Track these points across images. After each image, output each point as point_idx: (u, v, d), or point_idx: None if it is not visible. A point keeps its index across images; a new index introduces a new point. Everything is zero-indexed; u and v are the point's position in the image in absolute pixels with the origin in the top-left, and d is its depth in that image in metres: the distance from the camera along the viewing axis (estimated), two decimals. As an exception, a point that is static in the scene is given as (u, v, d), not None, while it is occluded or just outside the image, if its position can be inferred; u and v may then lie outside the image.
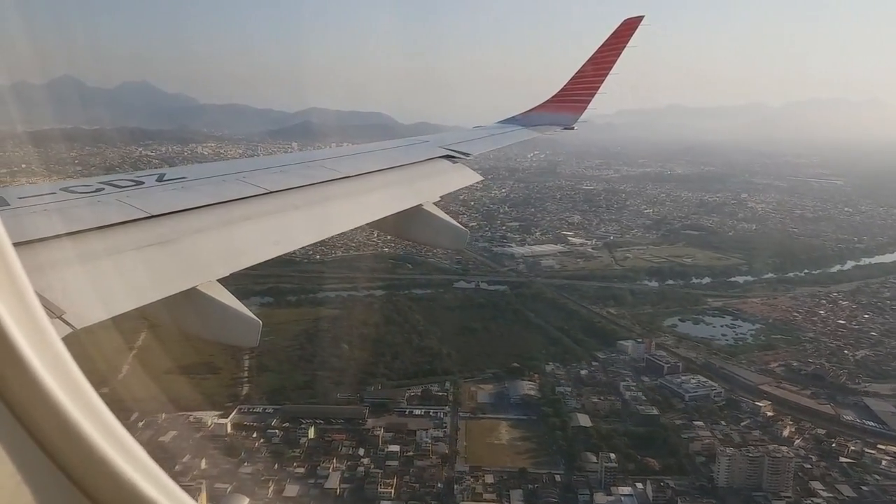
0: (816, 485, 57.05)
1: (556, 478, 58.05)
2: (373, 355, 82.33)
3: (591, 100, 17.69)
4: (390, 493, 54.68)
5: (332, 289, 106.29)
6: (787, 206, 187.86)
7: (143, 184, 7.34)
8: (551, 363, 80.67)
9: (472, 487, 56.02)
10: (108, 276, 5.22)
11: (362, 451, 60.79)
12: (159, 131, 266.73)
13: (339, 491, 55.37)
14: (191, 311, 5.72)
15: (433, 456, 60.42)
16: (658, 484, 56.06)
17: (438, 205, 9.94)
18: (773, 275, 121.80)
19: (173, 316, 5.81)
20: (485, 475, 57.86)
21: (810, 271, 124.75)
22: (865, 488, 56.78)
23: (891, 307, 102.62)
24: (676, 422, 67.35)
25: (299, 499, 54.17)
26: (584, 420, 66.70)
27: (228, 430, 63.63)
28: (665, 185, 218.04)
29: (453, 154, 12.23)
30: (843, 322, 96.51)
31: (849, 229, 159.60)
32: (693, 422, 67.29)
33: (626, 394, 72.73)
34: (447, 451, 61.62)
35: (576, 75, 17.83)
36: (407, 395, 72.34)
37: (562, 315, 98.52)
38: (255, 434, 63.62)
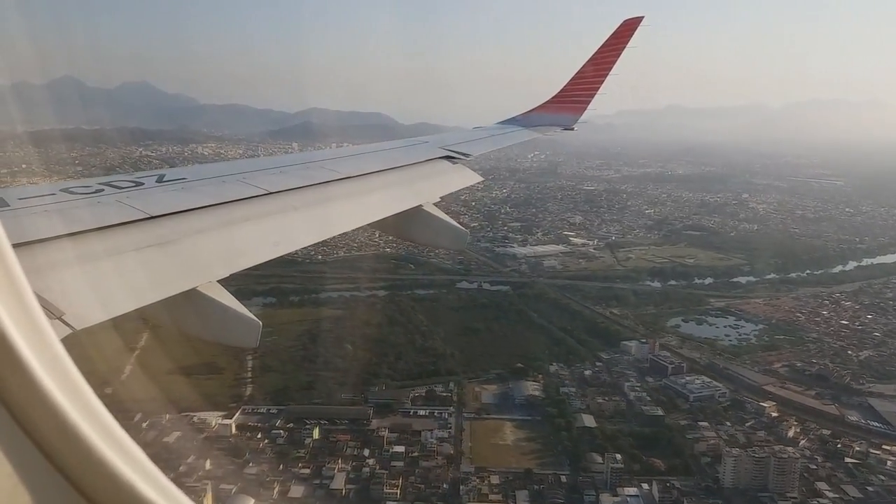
0: (822, 485, 57.02)
1: (562, 478, 58.00)
2: (376, 356, 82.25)
3: (590, 100, 17.71)
4: (396, 493, 54.57)
5: (334, 289, 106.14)
6: (788, 206, 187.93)
7: (142, 185, 7.34)
8: (555, 364, 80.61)
9: (477, 488, 55.88)
10: (107, 277, 5.22)
11: (367, 452, 60.66)
12: (159, 131, 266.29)
13: (345, 492, 55.30)
14: (191, 311, 5.72)
15: (438, 457, 60.32)
16: (664, 484, 56.03)
17: (438, 205, 9.93)
18: (775, 275, 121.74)
19: (173, 317, 5.81)
20: (490, 476, 57.73)
21: (812, 272, 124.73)
22: (871, 489, 56.73)
23: (893, 308, 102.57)
24: (681, 422, 67.25)
25: (305, 499, 54.09)
26: (588, 421, 66.62)
27: (233, 430, 63.56)
28: (666, 186, 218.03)
29: (453, 155, 12.22)
30: (846, 322, 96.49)
31: (850, 230, 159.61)
32: (698, 422, 67.20)
33: (631, 394, 72.66)
34: (452, 452, 61.52)
35: (575, 76, 17.85)
36: (411, 395, 72.23)
37: (565, 315, 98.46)
38: (260, 435, 63.49)
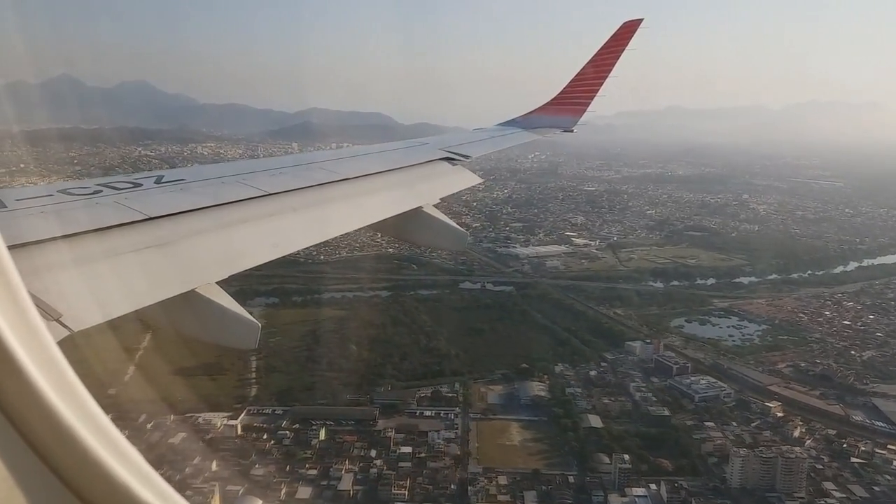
0: (829, 485, 57.09)
1: (570, 479, 57.96)
2: (381, 356, 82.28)
3: (590, 102, 17.78)
4: (404, 494, 54.53)
5: (337, 289, 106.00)
6: (789, 207, 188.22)
7: (141, 186, 7.34)
8: (560, 364, 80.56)
9: (485, 489, 55.85)
10: (105, 279, 5.21)
11: (374, 453, 60.59)
12: (159, 131, 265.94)
13: (353, 492, 55.22)
14: (189, 313, 5.71)
15: (446, 457, 60.27)
16: (672, 485, 56.07)
17: (438, 207, 9.92)
18: (776, 276, 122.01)
19: (172, 319, 5.80)
20: (498, 476, 57.73)
21: (814, 272, 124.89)
22: (878, 489, 56.84)
23: (895, 308, 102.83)
24: (687, 423, 67.29)
25: (313, 500, 54.04)
26: (595, 421, 66.65)
27: (238, 431, 63.45)
28: (666, 187, 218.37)
29: (453, 156, 12.24)
30: (848, 323, 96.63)
31: (850, 230, 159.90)
32: (704, 422, 67.25)
33: (637, 395, 72.69)
34: (459, 453, 61.48)
35: (575, 78, 17.92)
36: (417, 396, 72.16)
37: (568, 316, 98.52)
38: (266, 435, 63.36)
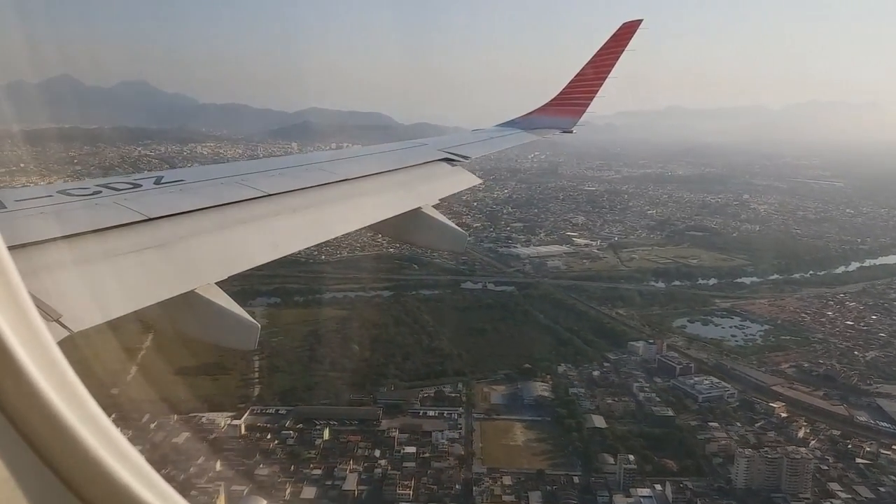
0: (834, 486, 57.06)
1: (574, 479, 57.92)
2: (383, 356, 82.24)
3: (589, 103, 17.78)
4: (409, 494, 54.40)
5: (339, 289, 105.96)
6: (790, 207, 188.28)
7: (140, 186, 7.34)
8: (563, 364, 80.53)
9: (490, 489, 55.76)
10: (105, 280, 5.22)
11: (378, 453, 60.52)
12: (158, 131, 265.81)
13: (358, 492, 55.10)
14: (189, 314, 5.74)
15: (450, 457, 60.16)
16: (677, 485, 55.96)
17: (438, 207, 9.90)
18: (778, 276, 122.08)
19: (171, 319, 5.83)
20: (503, 477, 57.64)
21: (815, 272, 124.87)
22: (883, 489, 56.76)
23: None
24: (691, 423, 67.23)
25: (318, 500, 53.89)
26: (598, 421, 66.54)
27: (242, 431, 63.32)
28: (667, 186, 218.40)
29: (452, 157, 12.25)
30: (851, 323, 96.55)
31: (851, 231, 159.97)
32: (708, 423, 67.17)
33: (640, 395, 72.59)
34: (463, 453, 61.37)
35: (575, 79, 17.92)
36: (420, 396, 72.06)
37: (571, 316, 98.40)
38: (270, 435, 63.25)
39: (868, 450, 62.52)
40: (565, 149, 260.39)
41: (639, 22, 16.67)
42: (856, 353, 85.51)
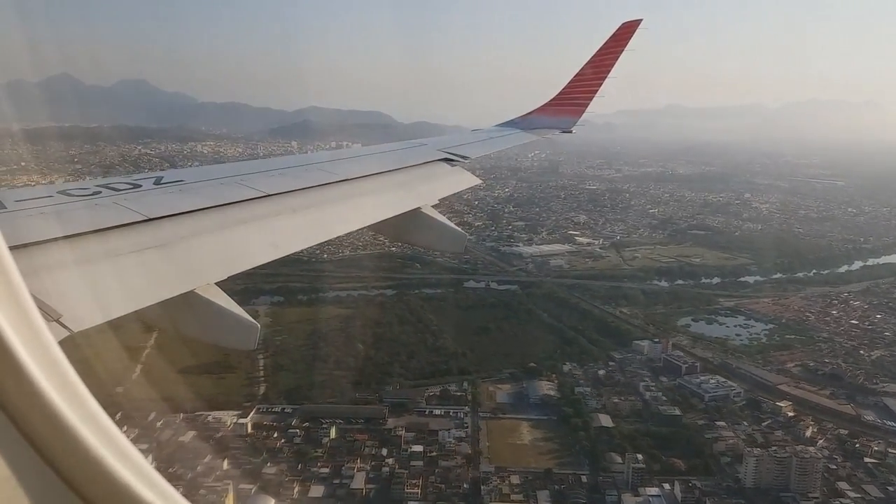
0: (843, 485, 56.93)
1: (582, 478, 57.78)
2: (387, 355, 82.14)
3: (589, 103, 17.77)
4: (417, 493, 54.20)
5: (341, 288, 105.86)
6: (791, 206, 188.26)
7: (140, 187, 7.37)
8: (568, 363, 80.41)
9: (498, 488, 55.60)
10: (105, 280, 5.25)
11: (385, 452, 60.36)
12: (158, 129, 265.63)
13: (366, 491, 54.92)
14: (189, 314, 5.77)
15: (457, 456, 60.01)
16: (686, 484, 55.82)
17: (437, 208, 9.88)
18: (781, 275, 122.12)
19: (171, 319, 5.87)
20: (510, 476, 57.49)
21: (819, 271, 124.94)
22: (892, 488, 56.64)
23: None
24: (698, 422, 67.13)
25: (326, 499, 53.70)
26: (605, 420, 66.42)
27: (249, 429, 63.13)
28: (667, 185, 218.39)
29: (452, 157, 12.26)
30: (855, 322, 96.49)
31: (854, 229, 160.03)
32: (715, 422, 67.07)
33: (646, 394, 72.46)
34: (470, 452, 61.22)
35: (574, 78, 17.91)
36: (426, 394, 71.92)
37: (575, 315, 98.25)
38: (276, 434, 63.07)
39: (876, 449, 62.44)
40: (565, 147, 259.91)
41: (638, 22, 16.69)
42: (861, 352, 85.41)
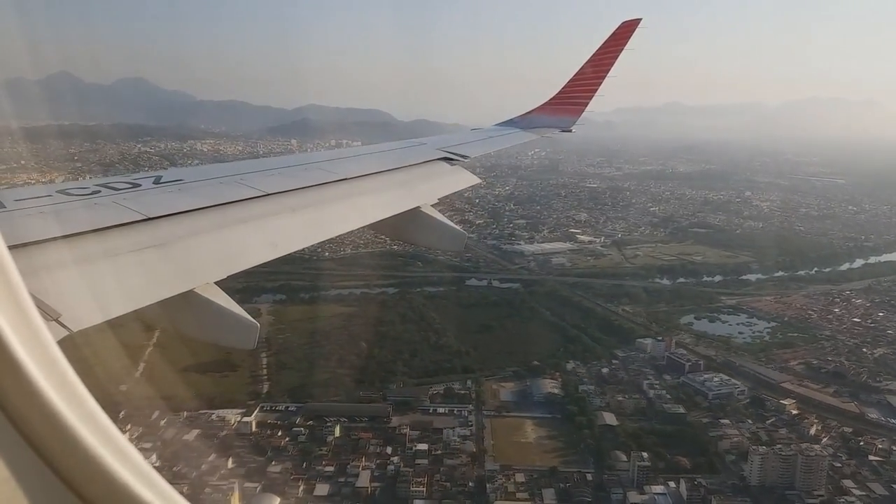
0: (848, 483, 56.91)
1: (588, 477, 57.70)
2: (391, 353, 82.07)
3: (588, 102, 17.82)
4: (423, 491, 54.16)
5: (343, 286, 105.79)
6: (792, 204, 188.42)
7: (139, 186, 7.38)
8: (571, 361, 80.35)
9: (504, 486, 55.56)
10: (104, 279, 5.26)
11: (390, 450, 60.31)
12: (157, 128, 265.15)
13: (371, 490, 54.85)
14: (188, 313, 5.77)
15: (462, 455, 59.97)
16: (692, 482, 55.80)
17: (437, 207, 9.88)
18: (783, 273, 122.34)
19: (171, 318, 5.86)
20: (515, 474, 57.44)
21: (820, 269, 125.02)
22: (897, 487, 56.65)
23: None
24: (703, 420, 67.12)
25: (331, 498, 53.63)
26: (610, 419, 66.36)
27: (253, 428, 63.03)
28: (668, 183, 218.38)
29: (451, 156, 12.29)
30: (858, 320, 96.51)
31: (855, 227, 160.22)
32: (719, 420, 67.09)
33: (650, 392, 72.45)
34: (475, 450, 61.17)
35: (574, 77, 17.93)
36: (430, 392, 71.84)
37: (577, 313, 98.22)
38: (280, 432, 62.98)
39: (880, 447, 62.45)
40: (565, 145, 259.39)
41: (637, 21, 16.72)
42: (864, 350, 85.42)
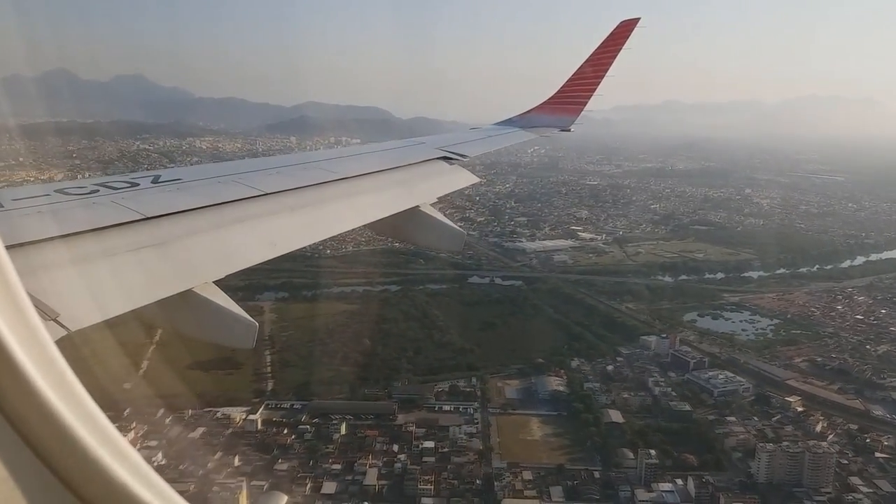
0: (855, 480, 56.94)
1: (595, 474, 57.70)
2: (395, 350, 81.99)
3: (587, 101, 17.84)
4: (430, 489, 54.04)
5: (346, 283, 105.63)
6: (792, 201, 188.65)
7: (138, 185, 7.36)
8: (576, 359, 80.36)
9: (511, 484, 55.50)
10: (103, 279, 5.25)
11: (397, 448, 60.23)
12: (156, 125, 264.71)
13: (378, 487, 54.74)
14: (187, 313, 5.76)
15: (469, 452, 59.89)
16: (699, 480, 55.80)
17: (436, 206, 9.85)
18: (785, 270, 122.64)
19: (169, 318, 5.86)
20: (522, 471, 57.41)
21: (822, 266, 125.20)
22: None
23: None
24: (709, 417, 67.12)
25: (339, 496, 53.49)
26: (616, 416, 66.31)
27: (259, 426, 62.87)
28: (668, 181, 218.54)
29: (450, 155, 12.28)
30: (861, 317, 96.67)
31: (855, 225, 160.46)
32: (725, 417, 67.12)
33: (656, 389, 72.44)
34: (482, 448, 61.12)
35: (572, 77, 17.94)
36: (434, 390, 71.74)
37: (580, 310, 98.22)
38: (286, 430, 62.83)
39: (886, 444, 62.51)
40: (564, 143, 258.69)
41: (636, 20, 16.74)
42: (867, 347, 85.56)
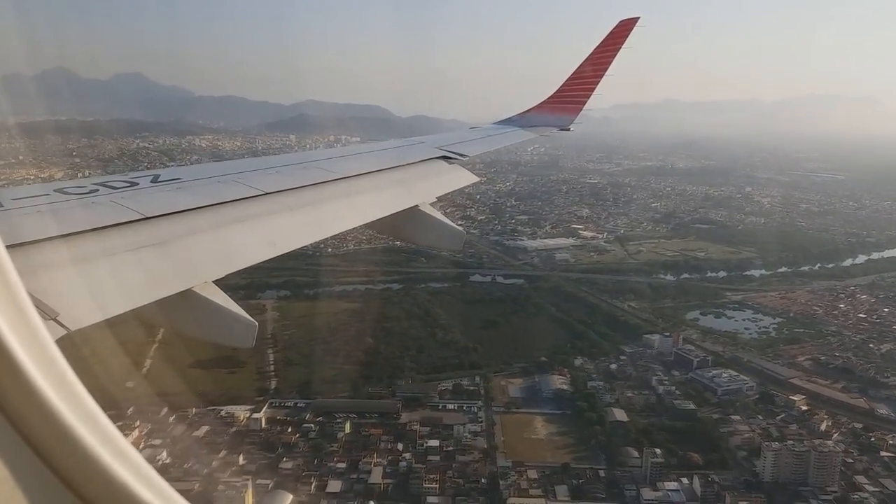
0: (861, 479, 56.86)
1: (600, 473, 57.63)
2: (398, 349, 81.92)
3: (587, 101, 17.84)
4: (435, 488, 53.95)
5: (347, 282, 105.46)
6: (793, 200, 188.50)
7: (137, 185, 7.36)
8: (579, 357, 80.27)
9: (517, 483, 55.41)
10: (102, 278, 5.26)
11: (401, 446, 60.12)
12: (156, 123, 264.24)
13: (384, 486, 54.62)
14: (186, 312, 5.77)
15: (473, 451, 59.81)
16: (705, 479, 55.70)
17: (435, 206, 9.85)
18: (786, 268, 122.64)
19: (169, 317, 5.87)
20: (527, 470, 57.33)
21: (823, 265, 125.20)
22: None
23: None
24: (713, 416, 67.05)
25: (344, 494, 53.36)
26: (620, 415, 66.22)
27: (263, 424, 62.72)
28: (668, 179, 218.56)
29: (450, 155, 12.28)
30: (863, 316, 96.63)
31: (856, 223, 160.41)
32: (729, 416, 67.05)
33: (660, 388, 72.41)
34: (486, 446, 61.03)
35: (572, 76, 17.94)
36: (438, 389, 71.65)
37: (582, 309, 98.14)
38: (290, 429, 62.69)
39: (891, 443, 62.49)
40: (564, 141, 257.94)
41: (636, 20, 16.74)
42: (871, 345, 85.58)
